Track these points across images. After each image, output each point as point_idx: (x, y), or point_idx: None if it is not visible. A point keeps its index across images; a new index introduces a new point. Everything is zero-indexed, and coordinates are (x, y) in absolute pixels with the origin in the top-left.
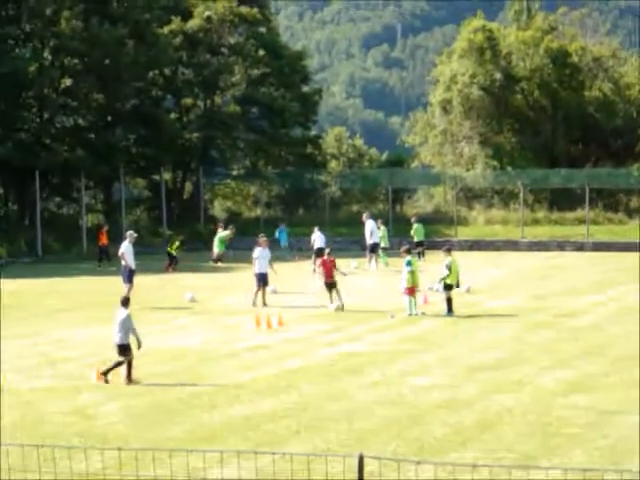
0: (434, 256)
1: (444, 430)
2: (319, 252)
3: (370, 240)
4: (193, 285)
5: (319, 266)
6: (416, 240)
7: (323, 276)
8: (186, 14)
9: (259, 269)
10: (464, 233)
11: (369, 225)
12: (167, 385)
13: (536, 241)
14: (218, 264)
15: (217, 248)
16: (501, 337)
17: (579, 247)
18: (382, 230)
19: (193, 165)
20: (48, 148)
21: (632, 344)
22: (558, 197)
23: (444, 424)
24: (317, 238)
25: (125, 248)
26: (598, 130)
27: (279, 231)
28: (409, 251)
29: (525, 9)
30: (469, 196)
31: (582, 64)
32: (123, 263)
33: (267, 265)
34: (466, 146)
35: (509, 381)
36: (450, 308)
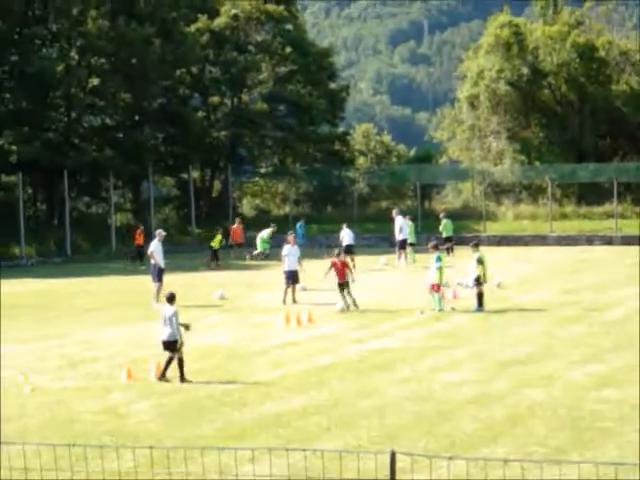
0: (462, 252)
1: (475, 425)
2: (348, 249)
3: (399, 236)
4: (223, 283)
5: (330, 267)
6: (445, 236)
7: (336, 277)
8: (213, 12)
9: (288, 266)
10: (493, 228)
11: (399, 221)
12: (198, 383)
13: (565, 236)
14: (249, 261)
15: (260, 247)
16: (531, 331)
17: (608, 241)
18: (410, 226)
19: (221, 163)
20: (76, 148)
21: None
22: (586, 191)
23: (475, 419)
24: (346, 235)
25: (154, 247)
26: (626, 124)
27: (297, 228)
28: (437, 247)
29: (551, 4)
30: (497, 191)
31: (609, 58)
32: (152, 262)
33: (296, 262)
34: (494, 141)
35: (540, 375)
36: (480, 303)
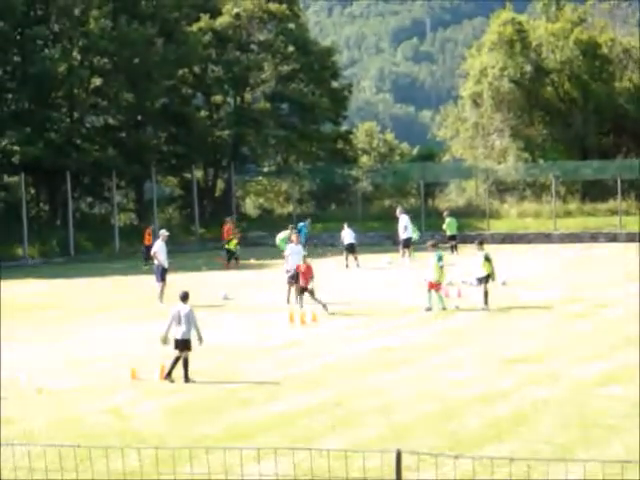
0: (466, 250)
1: (480, 423)
2: (350, 248)
3: (404, 235)
4: (226, 283)
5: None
6: (449, 234)
7: (300, 280)
8: (215, 11)
9: (292, 266)
10: (496, 226)
11: (403, 220)
12: (202, 383)
13: (568, 233)
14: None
15: (281, 248)
16: (536, 329)
17: (612, 238)
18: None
19: (224, 162)
20: (79, 148)
21: None
22: (590, 189)
23: (480, 417)
24: (347, 234)
25: (158, 247)
26: (629, 121)
27: (300, 227)
28: (436, 245)
29: (554, 1)
30: (501, 189)
31: (612, 55)
32: (156, 262)
33: (300, 262)
34: (497, 139)
35: (545, 373)
36: (486, 301)
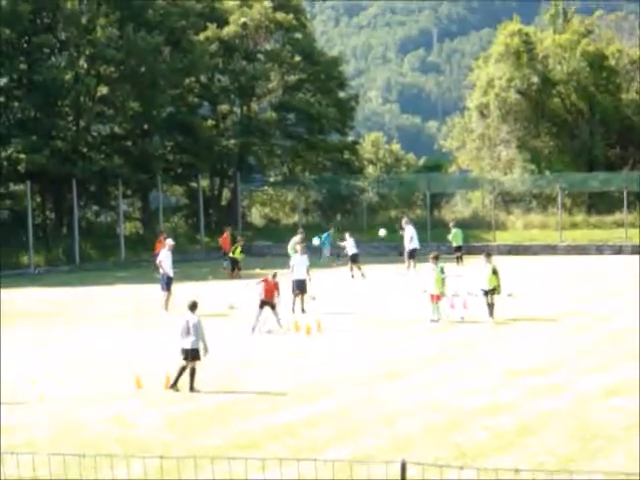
0: (471, 261)
1: (485, 434)
2: (353, 258)
3: (410, 245)
4: (231, 292)
5: (258, 283)
6: (454, 245)
7: (262, 293)
8: (222, 21)
9: (297, 276)
10: (502, 238)
11: (409, 230)
12: (207, 392)
13: (574, 245)
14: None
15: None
16: (541, 341)
17: (618, 250)
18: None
19: (230, 172)
20: (85, 156)
21: None
22: (596, 200)
23: (484, 428)
24: (349, 244)
25: (163, 256)
26: (636, 133)
27: (323, 238)
28: (438, 258)
29: (561, 13)
30: (507, 200)
31: (619, 67)
32: (161, 271)
33: (305, 272)
34: (504, 150)
35: (549, 385)
36: (491, 313)
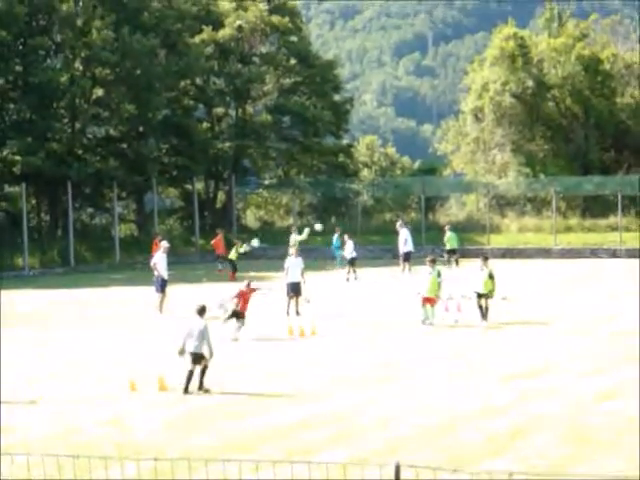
0: (465, 264)
1: (478, 438)
2: (351, 262)
3: (404, 248)
4: (226, 294)
5: (233, 299)
6: (448, 248)
7: (238, 303)
8: (217, 24)
9: (291, 278)
10: (497, 241)
11: (403, 233)
12: (201, 394)
13: (569, 248)
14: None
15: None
16: (534, 344)
17: (612, 254)
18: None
19: (225, 174)
20: (80, 158)
21: None
22: (591, 204)
23: (478, 432)
24: (348, 247)
25: (158, 258)
26: (630, 137)
27: (336, 240)
28: (435, 261)
29: (556, 16)
30: (501, 204)
31: (614, 71)
32: (156, 273)
33: (299, 274)
34: (498, 154)
35: (543, 388)
36: (486, 316)
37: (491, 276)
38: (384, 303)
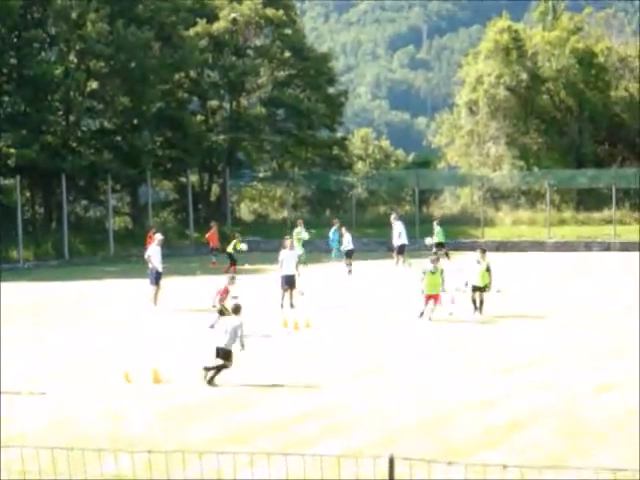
0: (458, 257)
1: (473, 430)
2: (349, 254)
3: (398, 241)
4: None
5: (216, 296)
6: (436, 241)
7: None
8: (212, 16)
9: (285, 271)
10: (491, 234)
11: (397, 226)
12: (195, 387)
13: (563, 242)
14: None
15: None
16: (529, 337)
17: (606, 247)
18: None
19: (219, 167)
20: (74, 151)
21: None
22: (585, 197)
23: (473, 424)
24: (346, 240)
25: (152, 251)
26: (624, 130)
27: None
28: (438, 260)
29: (551, 10)
30: (496, 197)
31: (608, 64)
32: (150, 266)
33: (294, 267)
34: (492, 147)
35: (538, 381)
36: (481, 309)
37: (488, 269)
38: (378, 296)
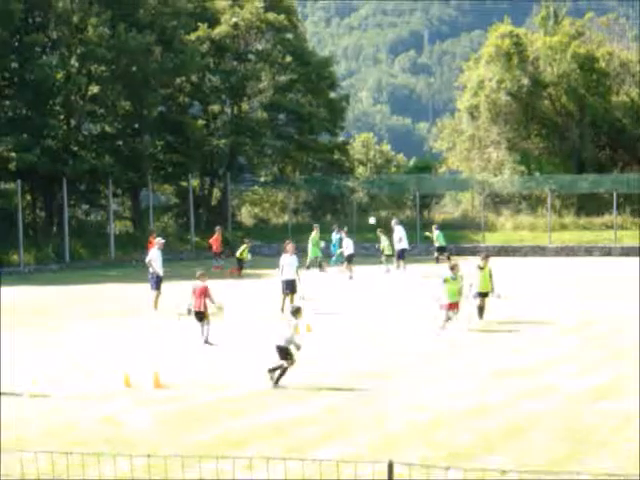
0: (459, 262)
1: (471, 436)
2: (350, 258)
3: (399, 246)
4: (221, 292)
5: (192, 296)
6: (438, 245)
7: (196, 301)
8: (213, 21)
9: (286, 276)
10: (491, 239)
11: (398, 231)
12: (196, 391)
13: (563, 246)
14: (324, 269)
15: (312, 253)
16: (528, 343)
17: (607, 252)
18: (384, 237)
19: (221, 172)
20: (75, 155)
21: None
22: (586, 202)
23: (471, 430)
24: (348, 244)
25: (153, 255)
26: (626, 135)
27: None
28: (456, 266)
29: (552, 15)
30: (497, 201)
31: (609, 69)
32: (151, 270)
33: (294, 272)
34: (494, 151)
35: (536, 387)
36: (481, 315)
37: (490, 275)
38: (378, 301)
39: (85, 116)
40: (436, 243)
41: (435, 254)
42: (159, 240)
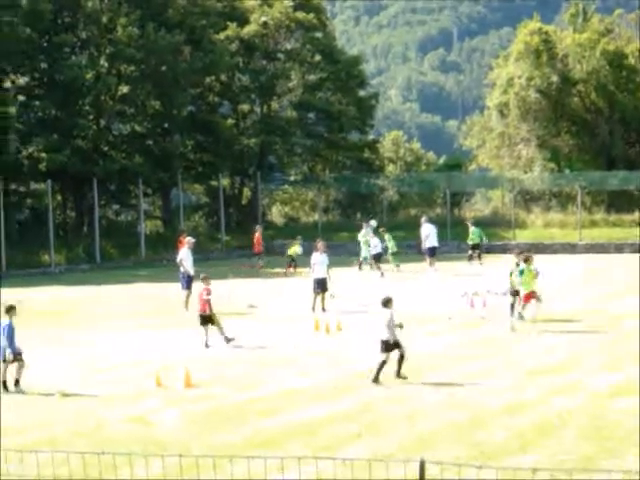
0: (490, 259)
1: (505, 434)
2: (377, 257)
3: (427, 243)
4: (252, 290)
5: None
6: (471, 243)
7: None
8: (242, 20)
9: (317, 274)
10: (522, 236)
11: (425, 229)
12: (227, 391)
13: (594, 244)
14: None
15: (364, 251)
16: (560, 340)
17: (637, 249)
18: (388, 236)
19: (251, 171)
20: (105, 155)
21: None
22: (616, 199)
23: (505, 427)
24: (373, 243)
25: (183, 254)
26: None
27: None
28: (530, 258)
29: (581, 12)
30: (527, 199)
31: (639, 66)
32: (182, 269)
33: (325, 270)
34: (524, 149)
35: (566, 384)
36: (512, 312)
37: (522, 272)
38: (410, 299)
39: (115, 116)
40: (470, 241)
41: (469, 252)
42: (189, 239)
